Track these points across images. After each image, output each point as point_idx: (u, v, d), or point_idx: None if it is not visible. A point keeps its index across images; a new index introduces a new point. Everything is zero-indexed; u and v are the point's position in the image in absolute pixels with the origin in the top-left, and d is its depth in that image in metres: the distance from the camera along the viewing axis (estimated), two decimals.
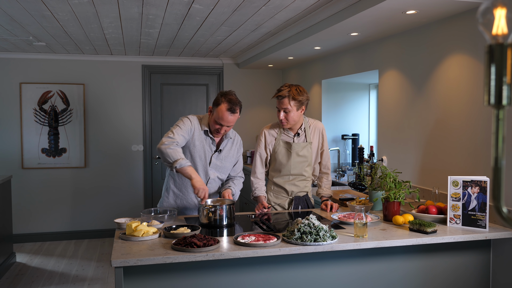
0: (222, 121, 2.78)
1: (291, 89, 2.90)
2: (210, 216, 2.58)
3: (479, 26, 0.84)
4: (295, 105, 2.90)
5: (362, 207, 2.27)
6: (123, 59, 5.80)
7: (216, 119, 2.79)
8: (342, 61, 4.51)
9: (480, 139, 2.70)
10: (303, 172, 3.05)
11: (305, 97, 2.92)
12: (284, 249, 2.11)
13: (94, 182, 5.82)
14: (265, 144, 3.07)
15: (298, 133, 3.04)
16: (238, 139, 3.07)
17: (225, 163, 2.98)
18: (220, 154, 2.94)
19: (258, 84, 6.32)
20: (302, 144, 3.02)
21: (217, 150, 2.93)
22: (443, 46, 3.01)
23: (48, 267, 4.73)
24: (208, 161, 2.91)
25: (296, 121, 2.98)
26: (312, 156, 3.07)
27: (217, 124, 2.81)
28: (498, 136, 0.84)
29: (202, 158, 2.89)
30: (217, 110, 2.78)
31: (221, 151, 2.94)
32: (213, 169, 2.93)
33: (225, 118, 2.77)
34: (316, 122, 3.12)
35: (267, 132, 3.08)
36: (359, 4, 2.84)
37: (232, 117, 2.78)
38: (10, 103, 5.53)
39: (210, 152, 2.92)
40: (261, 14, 3.45)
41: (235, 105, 2.78)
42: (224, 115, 2.76)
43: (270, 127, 3.10)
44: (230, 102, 2.77)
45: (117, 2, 3.14)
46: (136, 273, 2.09)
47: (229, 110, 2.76)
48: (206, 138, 2.90)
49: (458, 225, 2.48)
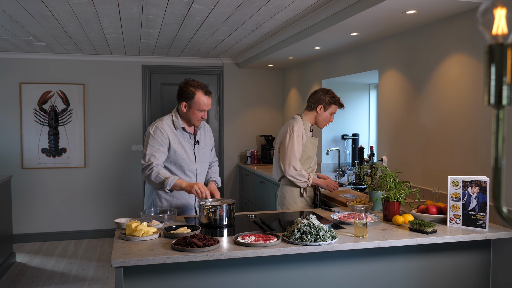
0: (205, 106, 2.87)
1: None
2: (210, 216, 2.58)
3: (479, 26, 0.84)
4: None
5: (362, 207, 2.27)
6: (123, 59, 5.81)
7: (198, 108, 2.85)
8: (342, 61, 4.51)
9: (480, 139, 2.70)
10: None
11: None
12: (284, 249, 2.11)
13: (94, 182, 5.82)
14: (301, 140, 3.31)
15: (312, 129, 3.46)
16: (207, 125, 3.14)
17: (205, 152, 3.03)
18: (199, 146, 2.98)
19: (258, 84, 6.32)
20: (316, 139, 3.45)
21: (196, 142, 2.96)
22: (443, 46, 3.01)
23: (48, 267, 4.73)
24: (194, 158, 2.93)
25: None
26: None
27: (200, 111, 2.87)
28: (498, 136, 0.84)
29: (186, 158, 2.89)
30: (195, 100, 2.83)
31: (198, 142, 2.97)
32: (199, 163, 2.96)
33: (206, 102, 2.87)
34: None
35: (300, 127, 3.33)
36: (359, 4, 2.84)
37: (210, 99, 2.90)
38: (10, 103, 5.53)
39: (191, 147, 2.93)
40: (261, 14, 3.45)
41: (206, 87, 2.90)
42: (204, 100, 2.85)
43: (299, 123, 3.33)
44: (202, 87, 2.87)
45: (117, 2, 3.14)
46: (136, 273, 2.09)
47: (206, 94, 2.87)
48: (183, 135, 2.91)
49: (458, 225, 2.48)
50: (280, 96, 6.42)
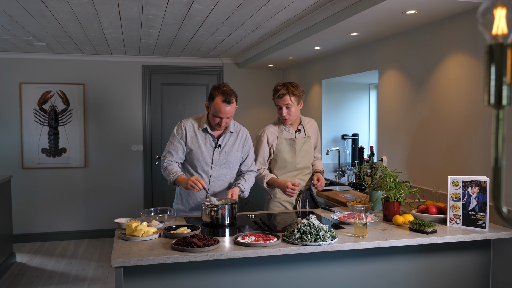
0: (221, 114, 2.79)
1: (288, 86, 3.08)
2: (213, 215, 2.59)
3: (479, 26, 0.84)
4: (295, 100, 3.08)
5: (362, 207, 2.27)
6: (123, 59, 5.80)
7: (214, 113, 2.81)
8: (342, 61, 4.51)
9: (480, 139, 2.70)
10: (307, 165, 3.22)
11: (301, 91, 3.13)
12: (284, 249, 2.11)
13: (94, 182, 5.82)
14: (267, 144, 3.16)
15: (299, 129, 3.21)
16: (243, 132, 3.04)
17: (230, 158, 2.96)
18: (223, 150, 2.94)
19: (258, 84, 6.32)
20: (303, 139, 3.20)
21: (217, 145, 2.93)
22: (443, 46, 3.00)
23: (48, 267, 4.73)
24: (210, 159, 2.92)
25: (297, 116, 3.17)
26: (311, 149, 3.24)
27: (216, 117, 2.82)
28: (498, 136, 0.84)
29: (201, 159, 2.90)
30: (213, 104, 2.80)
31: (221, 146, 2.93)
32: (217, 166, 2.93)
33: (222, 110, 2.78)
34: (311, 119, 3.34)
35: (268, 131, 3.18)
36: (359, 4, 2.84)
37: (229, 107, 2.80)
38: (10, 103, 5.53)
39: (211, 149, 2.92)
40: (261, 14, 3.45)
41: (229, 95, 2.79)
42: (221, 107, 2.77)
43: (270, 127, 3.21)
44: (224, 93, 2.79)
45: (117, 2, 3.14)
46: (136, 273, 2.09)
47: (224, 101, 2.78)
48: (206, 136, 2.92)
49: (458, 225, 2.48)
50: None
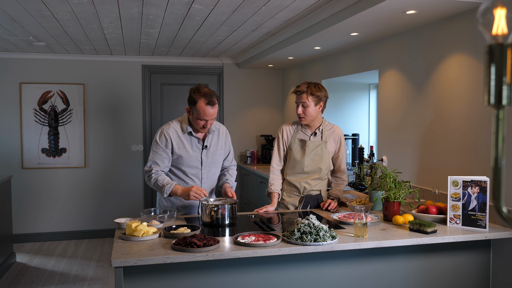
0: (206, 116, 2.77)
1: (310, 86, 3.00)
2: (213, 215, 2.59)
3: (479, 26, 0.84)
4: (313, 100, 2.97)
5: (362, 207, 2.27)
6: (123, 59, 5.80)
7: (198, 116, 2.77)
8: (342, 61, 4.51)
9: (480, 139, 2.70)
10: (317, 170, 3.07)
11: (323, 94, 3.00)
12: (284, 249, 2.11)
13: (94, 182, 5.82)
14: (282, 140, 3.14)
15: (316, 132, 3.09)
16: (223, 129, 3.06)
17: (216, 157, 2.98)
18: (209, 150, 2.94)
19: (258, 84, 6.32)
20: (317, 142, 3.05)
21: (204, 147, 2.92)
22: (443, 46, 3.00)
23: (48, 267, 4.73)
24: (200, 162, 2.90)
25: (313, 117, 3.02)
26: (326, 156, 3.08)
27: (201, 120, 2.79)
28: (498, 136, 0.84)
29: (191, 163, 2.88)
30: (197, 107, 2.76)
31: (207, 147, 2.93)
32: (206, 167, 2.93)
33: (207, 113, 2.76)
34: (335, 126, 3.16)
35: (285, 128, 3.15)
36: (359, 4, 2.84)
37: (213, 109, 2.78)
38: (10, 103, 5.53)
39: (199, 152, 2.90)
40: (261, 14, 3.45)
41: (212, 97, 2.77)
42: (205, 110, 2.75)
43: (289, 124, 3.17)
44: (206, 96, 2.75)
45: (117, 2, 3.14)
46: (136, 273, 2.09)
47: (208, 104, 2.75)
48: (191, 139, 2.89)
49: (458, 225, 2.48)
50: (280, 96, 6.42)
